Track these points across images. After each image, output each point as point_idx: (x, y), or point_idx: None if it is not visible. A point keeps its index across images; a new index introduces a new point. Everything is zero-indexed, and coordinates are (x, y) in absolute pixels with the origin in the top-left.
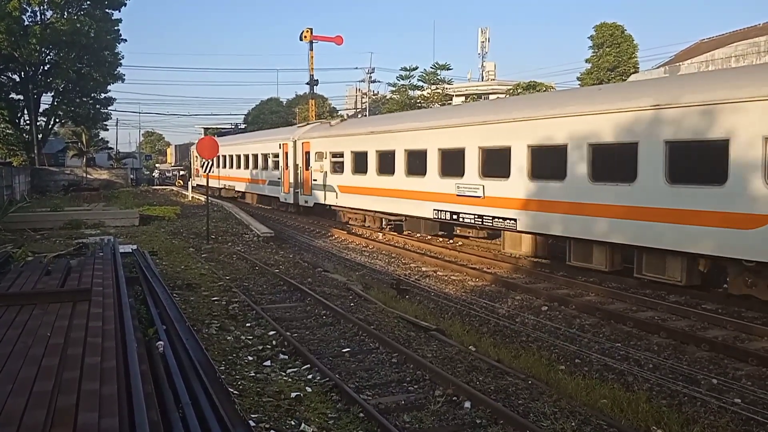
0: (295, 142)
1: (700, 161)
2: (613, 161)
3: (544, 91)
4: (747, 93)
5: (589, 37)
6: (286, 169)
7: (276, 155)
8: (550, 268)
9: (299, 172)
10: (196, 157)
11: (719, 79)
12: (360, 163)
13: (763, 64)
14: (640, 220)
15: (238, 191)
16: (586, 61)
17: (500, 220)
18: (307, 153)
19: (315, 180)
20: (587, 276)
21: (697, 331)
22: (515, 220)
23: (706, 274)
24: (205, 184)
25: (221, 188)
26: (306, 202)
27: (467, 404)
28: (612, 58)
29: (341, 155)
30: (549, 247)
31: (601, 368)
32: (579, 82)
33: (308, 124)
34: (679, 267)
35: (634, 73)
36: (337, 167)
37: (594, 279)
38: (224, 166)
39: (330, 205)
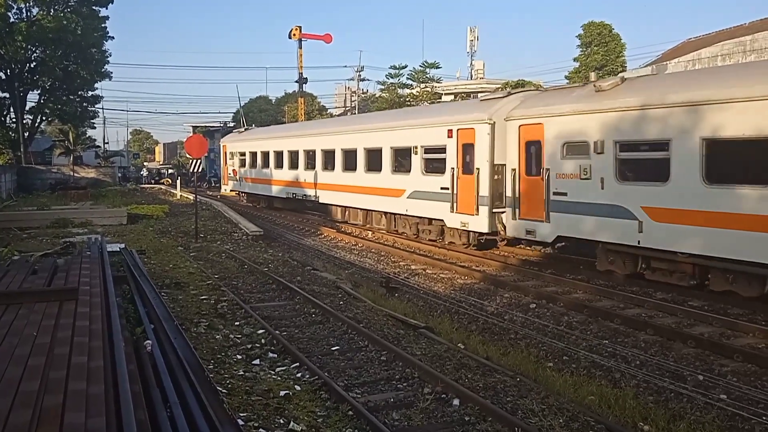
0: (493, 126)
1: None
2: None
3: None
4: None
5: (577, 36)
6: (466, 172)
7: (437, 149)
8: (539, 266)
9: (509, 178)
10: (232, 154)
11: None
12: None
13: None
14: None
15: (324, 203)
16: (575, 59)
17: None
18: (531, 143)
19: (561, 194)
20: (575, 274)
21: (684, 328)
22: None
23: None
24: (243, 189)
25: (273, 197)
26: (530, 233)
27: (456, 402)
28: (600, 56)
29: (660, 146)
30: None
31: (588, 365)
32: (567, 81)
33: (514, 91)
34: None
35: (621, 71)
36: (643, 170)
37: (582, 277)
38: (287, 167)
39: (611, 245)
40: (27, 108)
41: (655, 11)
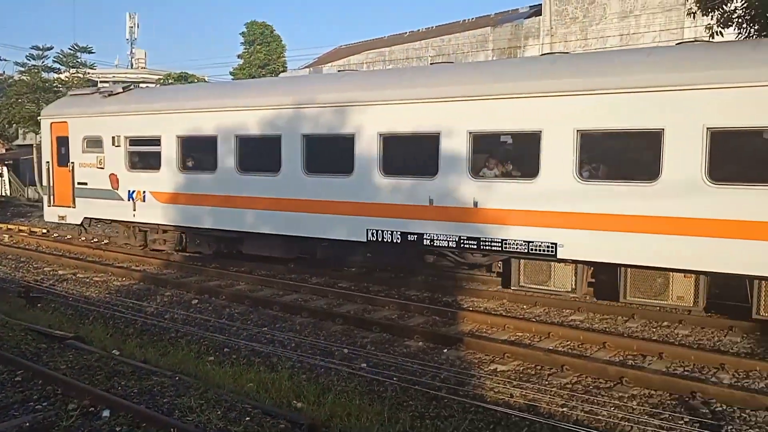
0: None
1: None
2: None
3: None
4: None
5: (240, 34)
6: None
7: None
8: (203, 261)
9: None
10: (92, 142)
11: None
12: None
13: None
14: None
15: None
16: (239, 56)
17: None
18: None
19: None
20: (239, 267)
21: (334, 308)
22: None
23: None
24: (138, 217)
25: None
26: None
27: (106, 413)
28: (263, 55)
29: None
30: None
31: (248, 354)
32: (231, 76)
33: None
34: None
35: (282, 71)
36: None
37: (245, 268)
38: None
39: None
40: None
41: (313, 16)
